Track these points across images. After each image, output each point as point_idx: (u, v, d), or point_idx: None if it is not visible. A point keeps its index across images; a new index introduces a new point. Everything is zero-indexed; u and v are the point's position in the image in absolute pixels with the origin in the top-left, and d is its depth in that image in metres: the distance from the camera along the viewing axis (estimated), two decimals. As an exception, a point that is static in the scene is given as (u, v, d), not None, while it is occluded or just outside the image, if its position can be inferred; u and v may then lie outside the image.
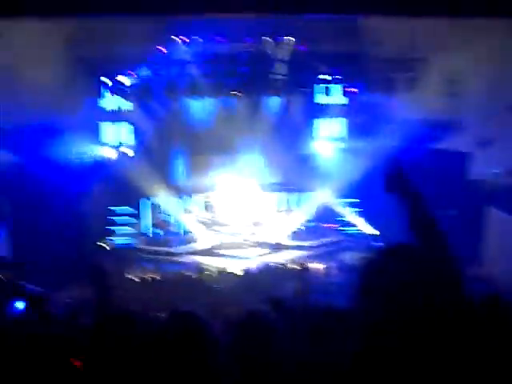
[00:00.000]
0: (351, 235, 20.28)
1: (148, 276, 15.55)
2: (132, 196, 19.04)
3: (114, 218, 19.62)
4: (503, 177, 16.37)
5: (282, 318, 2.42)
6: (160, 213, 20.11)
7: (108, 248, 18.88)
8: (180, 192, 20.63)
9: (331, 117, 21.38)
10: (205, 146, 21.11)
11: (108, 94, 18.25)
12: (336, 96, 20.26)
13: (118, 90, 17.83)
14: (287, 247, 19.54)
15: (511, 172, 16.13)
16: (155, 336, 2.42)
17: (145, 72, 17.71)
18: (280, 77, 18.42)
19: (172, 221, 20.03)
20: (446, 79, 18.25)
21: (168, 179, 20.12)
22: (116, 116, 19.70)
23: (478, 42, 15.63)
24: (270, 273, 15.43)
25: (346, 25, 18.28)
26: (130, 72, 17.57)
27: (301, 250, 19.37)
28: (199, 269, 16.03)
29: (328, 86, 19.73)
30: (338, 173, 19.39)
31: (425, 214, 1.96)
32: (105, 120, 19.53)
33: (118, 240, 19.43)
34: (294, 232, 20.18)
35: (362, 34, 18.59)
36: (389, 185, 2.10)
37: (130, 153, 19.64)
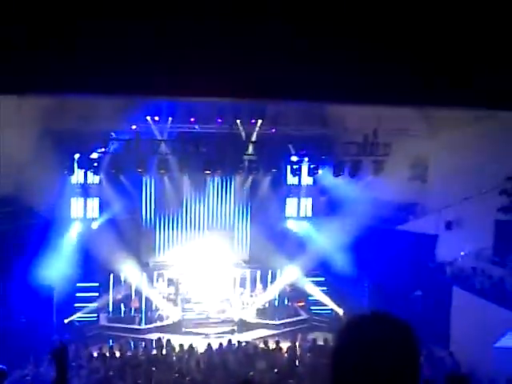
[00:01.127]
0: (317, 314, 20.21)
1: (111, 353, 15.04)
2: (98, 272, 18.79)
3: (78, 294, 19.24)
4: (469, 259, 16.72)
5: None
6: (126, 289, 19.74)
7: (72, 325, 18.41)
8: (147, 268, 20.42)
9: (299, 196, 21.94)
10: (174, 222, 21.28)
11: (79, 170, 18.36)
12: (304, 177, 20.86)
13: (89, 165, 18.00)
14: (253, 325, 19.34)
15: (478, 254, 16.48)
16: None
17: (116, 149, 18.00)
18: (249, 157, 18.89)
19: (138, 297, 19.63)
20: (411, 163, 18.94)
21: (135, 255, 19.93)
22: (86, 191, 19.81)
23: (443, 129, 16.44)
24: (235, 351, 15.13)
25: (314, 110, 19.08)
26: (101, 148, 17.82)
27: (267, 328, 19.24)
28: (163, 346, 15.63)
29: (296, 166, 20.33)
30: (306, 251, 19.60)
31: None
32: (75, 195, 19.65)
33: (82, 317, 18.97)
34: (260, 310, 20.02)
35: (330, 119, 19.37)
36: None
37: (98, 228, 19.57)
